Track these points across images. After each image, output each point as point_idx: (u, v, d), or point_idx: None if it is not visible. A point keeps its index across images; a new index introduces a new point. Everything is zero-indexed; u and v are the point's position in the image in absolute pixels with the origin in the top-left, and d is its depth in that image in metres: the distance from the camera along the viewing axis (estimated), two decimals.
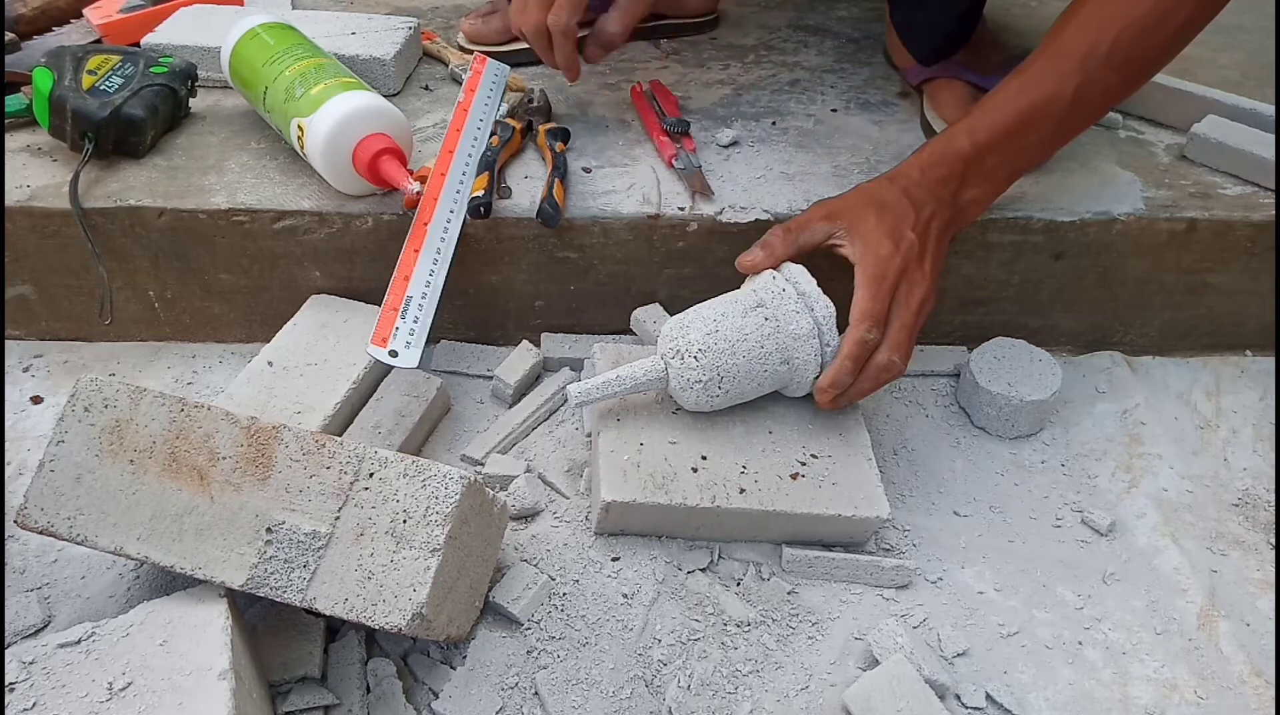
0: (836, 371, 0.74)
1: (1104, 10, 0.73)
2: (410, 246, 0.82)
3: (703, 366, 0.73)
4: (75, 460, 0.61)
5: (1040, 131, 0.77)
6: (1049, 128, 0.76)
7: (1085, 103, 0.75)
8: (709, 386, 0.74)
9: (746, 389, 0.76)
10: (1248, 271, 0.94)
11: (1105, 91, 0.76)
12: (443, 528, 0.61)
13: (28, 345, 0.92)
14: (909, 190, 0.76)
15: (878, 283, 0.73)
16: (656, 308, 0.92)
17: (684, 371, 0.74)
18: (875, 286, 0.73)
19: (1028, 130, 0.76)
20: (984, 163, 0.77)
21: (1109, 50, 0.72)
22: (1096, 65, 0.73)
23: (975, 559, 0.79)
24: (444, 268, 0.82)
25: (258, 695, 0.61)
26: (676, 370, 0.75)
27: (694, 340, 0.74)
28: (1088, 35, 0.73)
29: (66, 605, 0.71)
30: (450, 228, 0.84)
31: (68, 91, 0.85)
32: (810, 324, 0.74)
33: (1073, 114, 0.76)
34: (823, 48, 1.15)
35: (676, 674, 0.69)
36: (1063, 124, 0.77)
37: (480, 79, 0.96)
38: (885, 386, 0.77)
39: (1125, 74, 0.75)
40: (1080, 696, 0.71)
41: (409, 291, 0.80)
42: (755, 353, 0.74)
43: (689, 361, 0.74)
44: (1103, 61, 0.73)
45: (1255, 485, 0.87)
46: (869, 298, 0.73)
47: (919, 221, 0.75)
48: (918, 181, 0.77)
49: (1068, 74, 0.74)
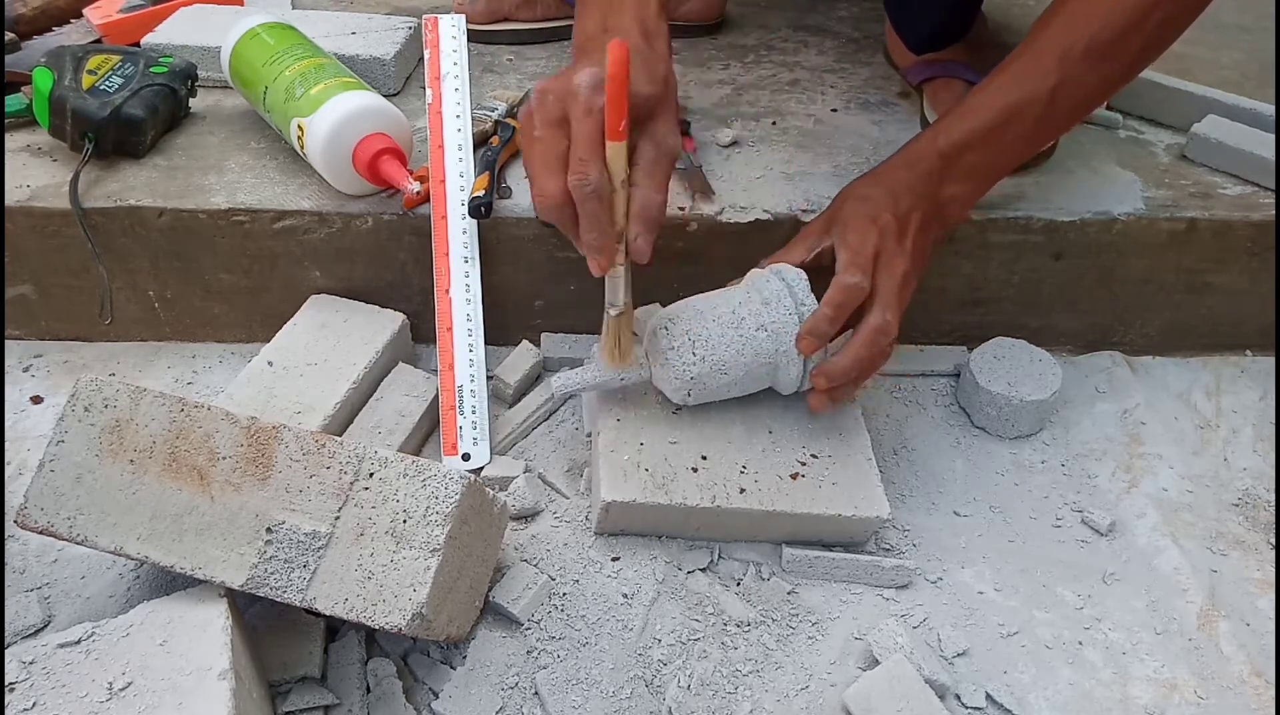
0: (816, 318, 0.71)
1: (1082, 9, 0.73)
2: (442, 324, 0.85)
3: (676, 342, 0.72)
4: (75, 460, 0.61)
5: (1019, 130, 0.76)
6: (1028, 126, 0.76)
7: (1064, 101, 0.75)
8: (685, 360, 0.72)
9: (728, 358, 0.72)
10: (1248, 271, 0.94)
11: (1084, 90, 0.76)
12: (443, 528, 0.61)
13: (28, 345, 0.92)
14: (887, 185, 0.75)
15: (856, 251, 0.72)
16: (656, 307, 0.91)
17: (662, 352, 0.73)
18: (854, 253, 0.72)
19: (1006, 128, 0.75)
20: (963, 160, 0.76)
21: (1086, 48, 0.72)
22: (1074, 64, 0.72)
23: (975, 559, 0.79)
24: (479, 339, 0.85)
25: (258, 695, 0.61)
26: (656, 355, 0.73)
27: (668, 318, 0.73)
28: (1066, 34, 0.73)
29: (66, 605, 0.71)
30: (471, 282, 0.86)
31: (68, 91, 0.85)
32: (780, 284, 0.73)
33: (1051, 113, 0.75)
34: (823, 48, 1.15)
35: (676, 674, 0.69)
36: (1041, 123, 0.76)
37: (439, 34, 0.95)
38: (882, 391, 0.77)
39: (1104, 72, 0.75)
40: (1080, 696, 0.71)
41: (458, 380, 0.83)
42: (728, 318, 0.73)
43: (663, 339, 0.73)
44: (1080, 60, 0.72)
45: (1255, 485, 0.87)
46: (850, 255, 0.71)
47: (898, 210, 0.74)
48: (897, 178, 0.76)
49: (1046, 73, 0.73)
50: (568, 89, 0.62)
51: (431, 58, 0.93)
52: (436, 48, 0.93)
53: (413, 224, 0.86)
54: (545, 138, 0.63)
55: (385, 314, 0.88)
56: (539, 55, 1.10)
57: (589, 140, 0.62)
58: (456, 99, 0.91)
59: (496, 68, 1.07)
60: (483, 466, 0.81)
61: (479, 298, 0.86)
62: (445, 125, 0.89)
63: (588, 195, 0.62)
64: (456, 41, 0.94)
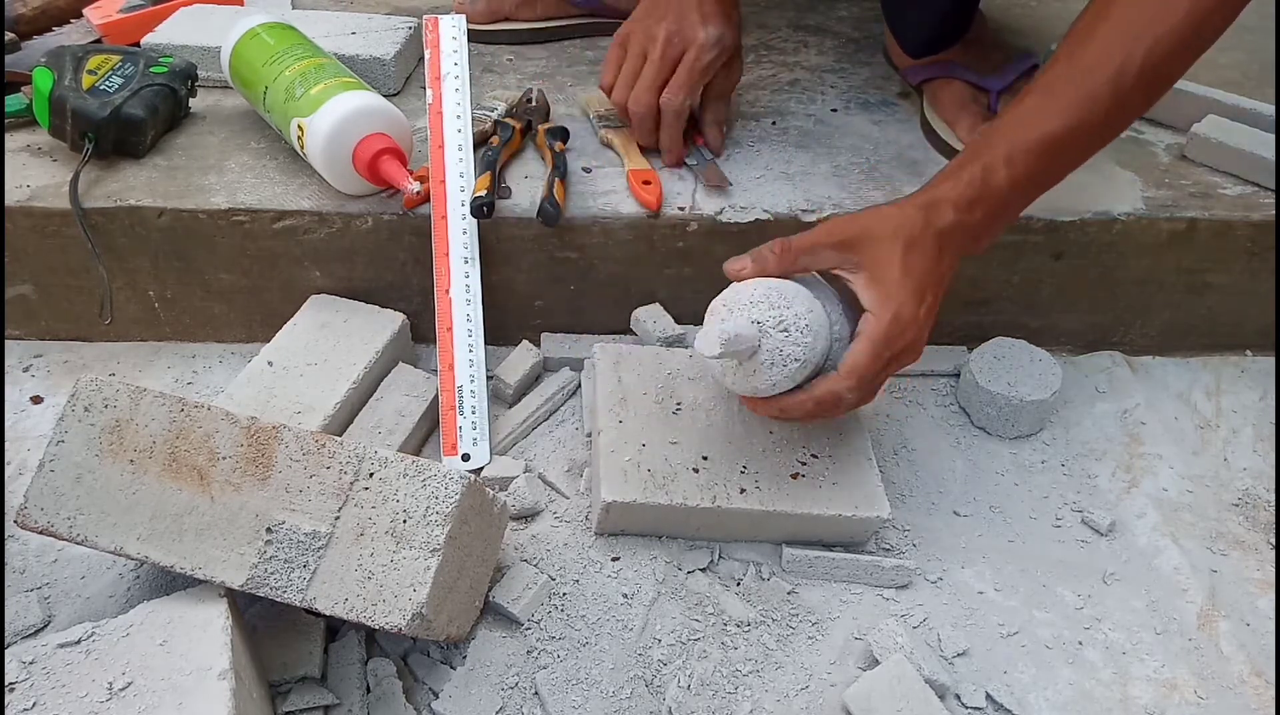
0: (794, 404, 0.68)
1: (1133, 21, 0.66)
2: (442, 324, 0.85)
3: (800, 346, 0.66)
4: (75, 460, 0.61)
5: (1066, 162, 0.70)
6: (1072, 159, 0.70)
7: (1110, 129, 0.70)
8: (800, 367, 0.67)
9: (800, 375, 0.68)
10: (1248, 271, 0.94)
11: (1130, 114, 0.71)
12: (443, 528, 0.61)
13: (28, 345, 0.92)
14: (942, 235, 0.67)
15: (884, 346, 0.66)
16: (656, 308, 0.92)
17: (783, 346, 0.66)
18: (880, 349, 0.66)
19: (1056, 159, 0.69)
20: (1019, 201, 0.70)
21: (1140, 68, 0.65)
22: (1128, 86, 0.66)
23: (975, 559, 0.79)
24: (479, 339, 0.85)
25: (258, 695, 0.61)
26: (775, 342, 0.66)
27: (800, 314, 0.66)
28: (1118, 51, 0.66)
29: (66, 605, 0.71)
30: (471, 282, 0.86)
31: (68, 91, 0.85)
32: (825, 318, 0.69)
33: (1101, 140, 0.70)
34: (823, 48, 1.15)
35: (676, 674, 0.69)
36: (1087, 152, 0.71)
37: (439, 34, 0.94)
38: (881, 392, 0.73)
39: (1152, 93, 0.69)
40: (1080, 696, 0.71)
41: (458, 381, 0.83)
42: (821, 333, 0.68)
43: (793, 336, 0.66)
44: (1134, 81, 0.66)
45: (1255, 485, 0.87)
46: (868, 359, 0.66)
47: (942, 276, 0.68)
48: (953, 224, 0.68)
49: (1099, 97, 0.66)
50: (690, 39, 0.85)
51: (432, 58, 0.93)
52: (437, 48, 0.93)
53: (413, 224, 0.86)
54: (659, 66, 0.86)
55: (385, 314, 0.88)
56: (539, 55, 1.10)
57: (691, 74, 0.86)
58: (457, 99, 0.91)
59: (496, 68, 1.07)
60: (483, 466, 0.81)
61: (479, 298, 0.86)
62: (445, 125, 0.89)
63: (674, 113, 0.87)
64: (457, 42, 0.94)
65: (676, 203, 0.88)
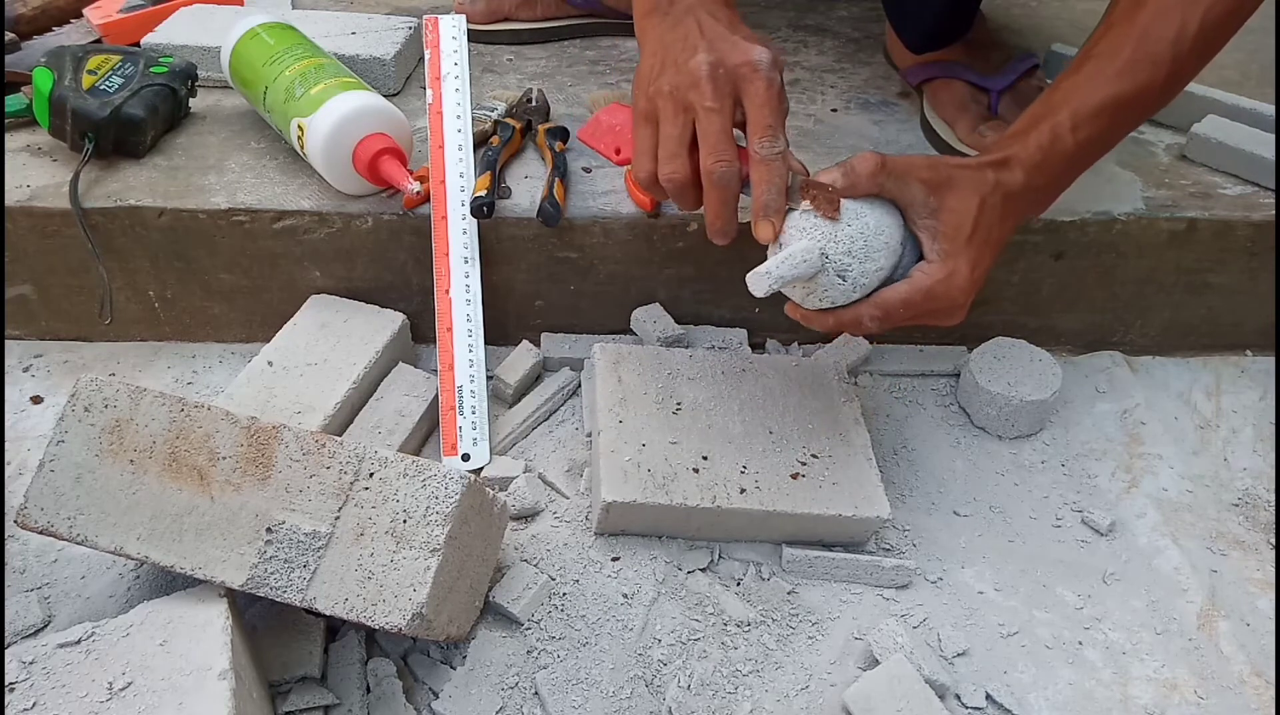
0: (815, 315, 0.66)
1: None
2: (442, 324, 0.85)
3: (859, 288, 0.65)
4: (75, 460, 0.61)
5: (1127, 125, 0.69)
6: (1131, 122, 0.69)
7: (1168, 92, 0.69)
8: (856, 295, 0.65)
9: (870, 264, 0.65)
10: (1248, 271, 0.94)
11: (1186, 77, 0.70)
12: (443, 528, 0.61)
13: (28, 345, 0.92)
14: (1010, 197, 0.67)
15: (926, 300, 0.66)
16: (656, 308, 0.92)
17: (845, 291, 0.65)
18: (921, 301, 0.65)
19: (1117, 122, 0.68)
20: (1082, 163, 0.69)
21: (1198, 30, 0.66)
22: (1186, 49, 0.66)
23: (975, 559, 0.79)
24: (479, 339, 0.85)
25: (258, 695, 0.61)
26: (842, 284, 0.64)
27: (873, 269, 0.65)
28: (1175, 14, 0.66)
29: (66, 605, 0.71)
30: (471, 282, 0.86)
31: (68, 91, 0.85)
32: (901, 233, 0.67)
33: (1155, 103, 0.69)
34: (823, 48, 1.15)
35: (676, 674, 0.69)
36: (1144, 115, 0.69)
37: (439, 34, 0.94)
38: (882, 391, 0.75)
39: (1204, 56, 0.69)
40: (1080, 696, 0.71)
41: (458, 381, 0.83)
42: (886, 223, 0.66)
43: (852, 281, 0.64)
44: (1191, 44, 0.66)
45: (1255, 485, 0.87)
46: (902, 305, 0.66)
47: (1002, 238, 0.67)
48: (1023, 186, 0.67)
49: (1160, 60, 0.66)
50: (742, 69, 0.64)
51: (432, 58, 0.93)
52: (437, 48, 0.93)
53: (413, 224, 0.86)
54: (718, 110, 0.64)
55: (385, 314, 0.88)
56: (539, 55, 1.10)
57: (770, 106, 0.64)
58: (457, 99, 0.91)
59: (496, 68, 1.08)
60: (483, 466, 0.81)
61: (479, 298, 0.86)
62: (445, 125, 0.89)
63: (781, 154, 0.65)
64: (457, 42, 0.94)
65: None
